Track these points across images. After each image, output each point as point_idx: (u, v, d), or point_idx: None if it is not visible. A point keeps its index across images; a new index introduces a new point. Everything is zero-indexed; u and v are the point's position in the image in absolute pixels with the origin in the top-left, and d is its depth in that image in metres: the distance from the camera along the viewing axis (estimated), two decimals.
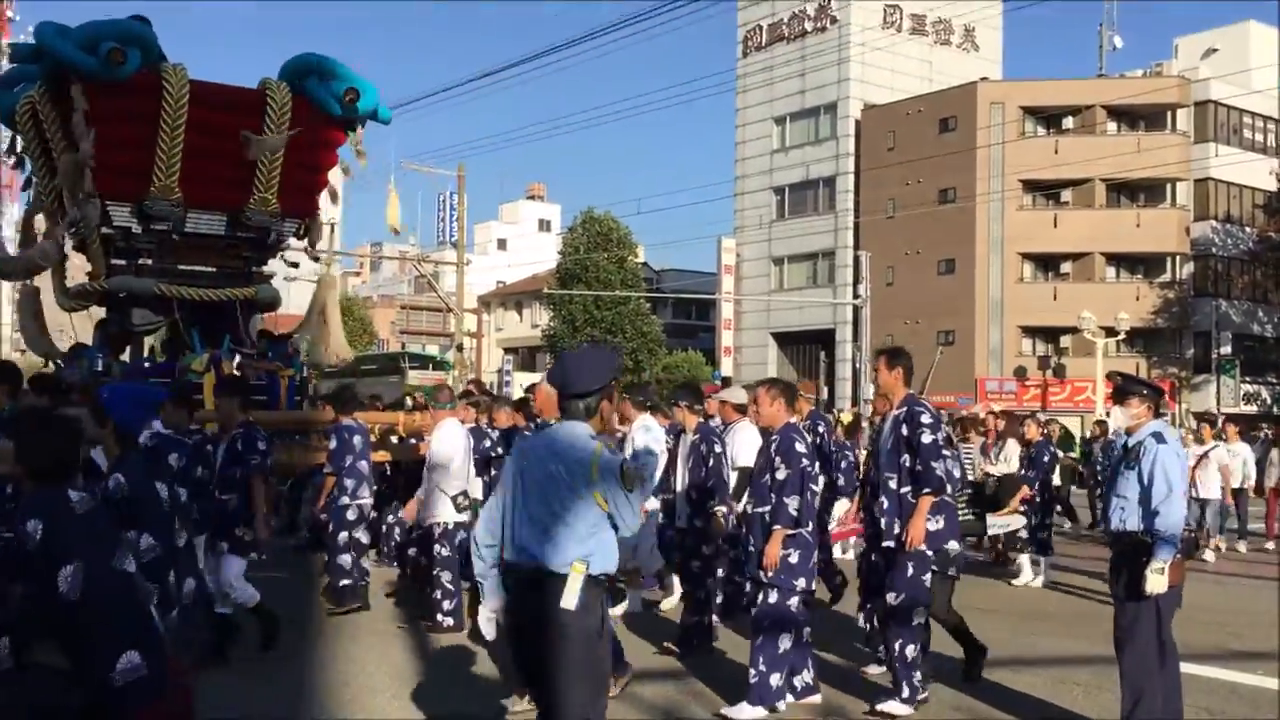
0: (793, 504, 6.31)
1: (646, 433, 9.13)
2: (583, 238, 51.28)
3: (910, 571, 6.35)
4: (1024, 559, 12.05)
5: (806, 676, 6.52)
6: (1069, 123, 45.83)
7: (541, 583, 4.05)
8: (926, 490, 6.34)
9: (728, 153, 55.21)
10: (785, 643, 6.28)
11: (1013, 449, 12.94)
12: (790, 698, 6.39)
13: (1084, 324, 38.53)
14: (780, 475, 6.38)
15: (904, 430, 6.45)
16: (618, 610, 9.33)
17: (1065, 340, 44.41)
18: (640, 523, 4.30)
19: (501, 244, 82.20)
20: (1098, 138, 44.53)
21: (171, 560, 4.94)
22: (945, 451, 6.35)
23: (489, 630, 4.39)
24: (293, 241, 12.41)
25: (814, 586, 6.77)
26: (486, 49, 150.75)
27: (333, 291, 12.84)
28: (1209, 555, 14.20)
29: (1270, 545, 15.84)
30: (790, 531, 6.30)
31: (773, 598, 6.30)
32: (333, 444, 9.44)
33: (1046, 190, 45.04)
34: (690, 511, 8.16)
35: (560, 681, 3.99)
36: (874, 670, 7.21)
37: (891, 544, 6.41)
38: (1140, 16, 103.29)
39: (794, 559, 6.36)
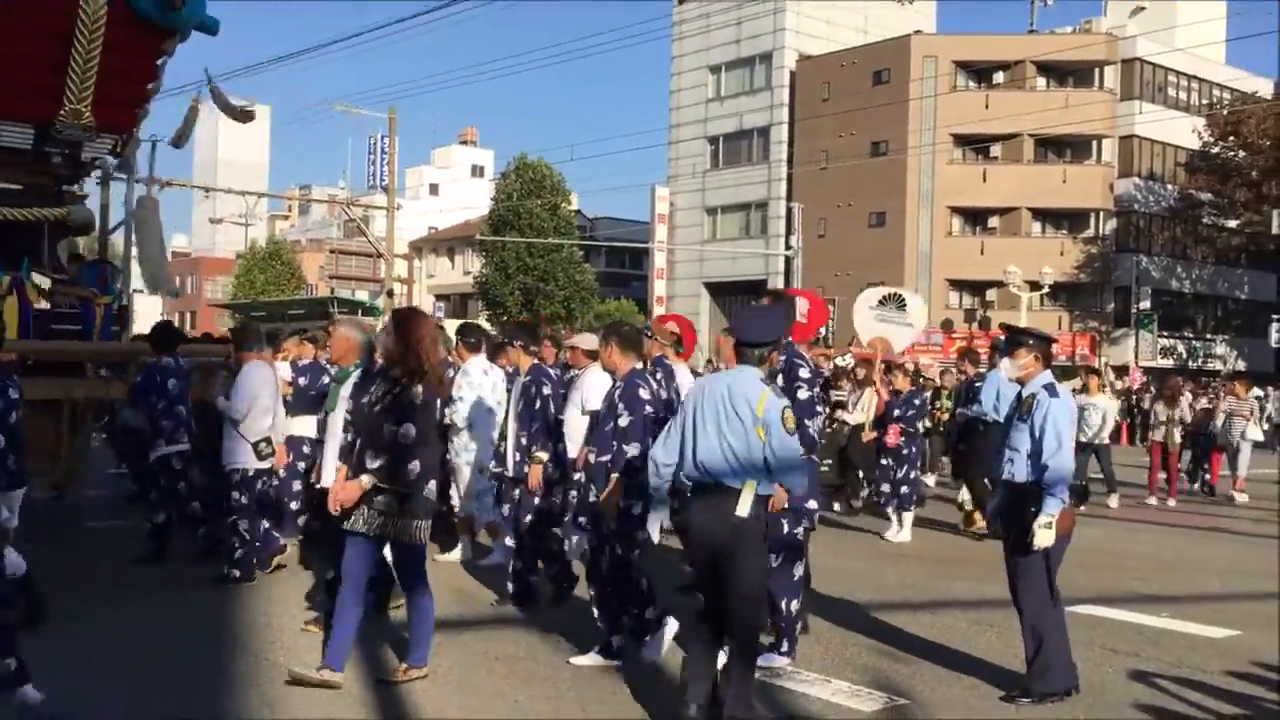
0: (632, 451, 6.02)
1: (465, 377, 8.84)
2: (516, 184, 50.85)
3: (785, 529, 6.07)
4: (890, 513, 11.61)
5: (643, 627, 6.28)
6: (999, 78, 46.27)
7: (721, 496, 5.02)
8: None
9: (662, 101, 55.00)
10: (644, 583, 6.19)
11: (869, 399, 12.72)
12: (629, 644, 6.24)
13: (1009, 278, 39.17)
14: (623, 422, 6.10)
15: (780, 383, 5.88)
16: (449, 557, 9.21)
17: (991, 294, 45.12)
18: (799, 456, 5.29)
19: (434, 189, 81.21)
20: (1027, 93, 45.05)
21: None
22: (819, 409, 6.03)
23: (655, 534, 6.46)
24: (220, 195, 11.67)
25: (659, 537, 6.50)
26: None
27: (154, 214, 11.60)
28: (1113, 501, 14.51)
29: (1153, 500, 15.43)
30: (632, 479, 6.00)
31: (619, 549, 6.13)
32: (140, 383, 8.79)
33: (976, 145, 45.52)
34: (520, 459, 7.62)
35: (737, 571, 5.03)
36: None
37: None
38: None
39: (637, 509, 6.12)
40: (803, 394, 6.00)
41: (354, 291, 54.14)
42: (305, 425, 8.46)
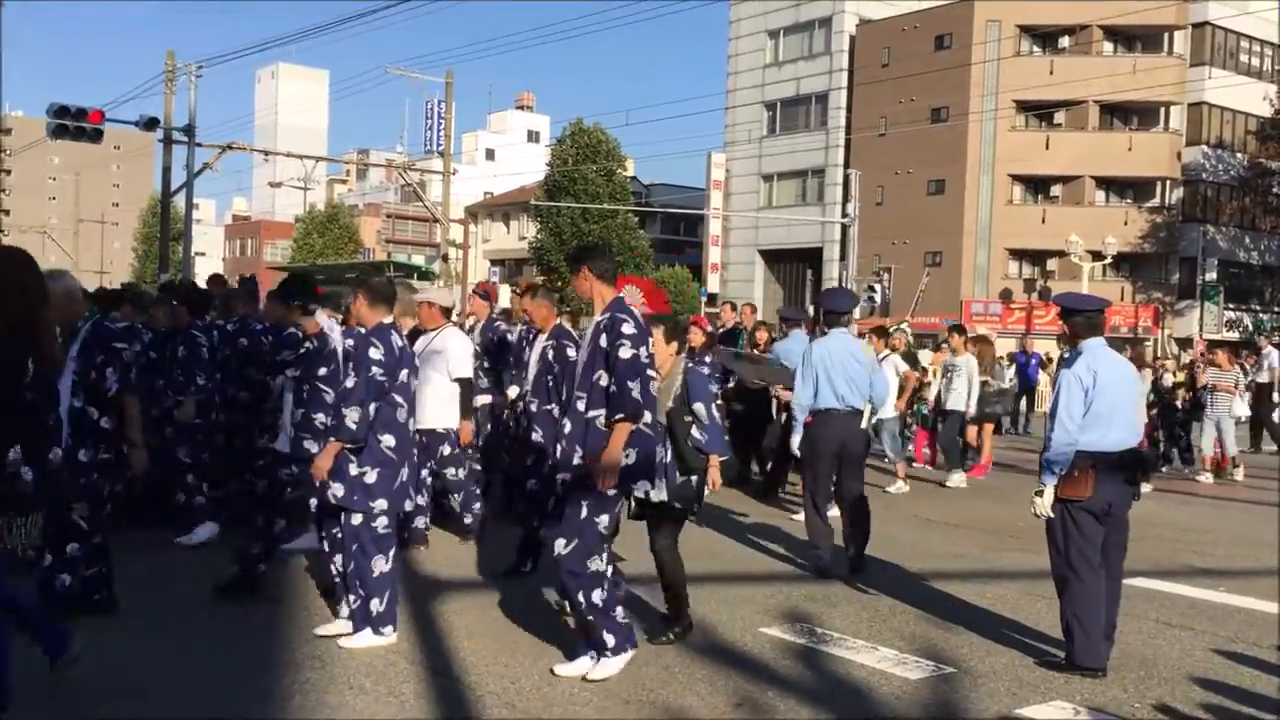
0: (352, 416, 5.57)
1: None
2: (571, 150, 50.79)
3: (585, 512, 5.26)
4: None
5: (378, 605, 5.79)
6: (1065, 42, 45.30)
7: (855, 415, 7.92)
8: (620, 416, 5.20)
9: (720, 66, 54.57)
10: (381, 564, 5.71)
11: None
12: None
13: (1071, 247, 38.51)
14: (349, 384, 5.68)
15: (603, 341, 5.34)
16: (295, 544, 7.80)
17: (1052, 263, 44.43)
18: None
19: (489, 154, 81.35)
20: (1093, 58, 44.08)
21: None
22: (650, 371, 5.38)
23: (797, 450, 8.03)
24: (279, 159, 11.77)
25: (408, 505, 6.11)
26: None
27: None
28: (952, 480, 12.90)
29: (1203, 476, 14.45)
30: (350, 446, 5.61)
31: (355, 520, 5.68)
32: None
33: (1039, 111, 44.69)
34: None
35: (856, 460, 8.06)
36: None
37: (569, 477, 5.34)
38: None
39: (370, 478, 5.67)
40: (625, 352, 5.20)
41: (410, 256, 54.51)
42: None
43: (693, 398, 5.97)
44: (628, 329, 5.28)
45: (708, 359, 10.92)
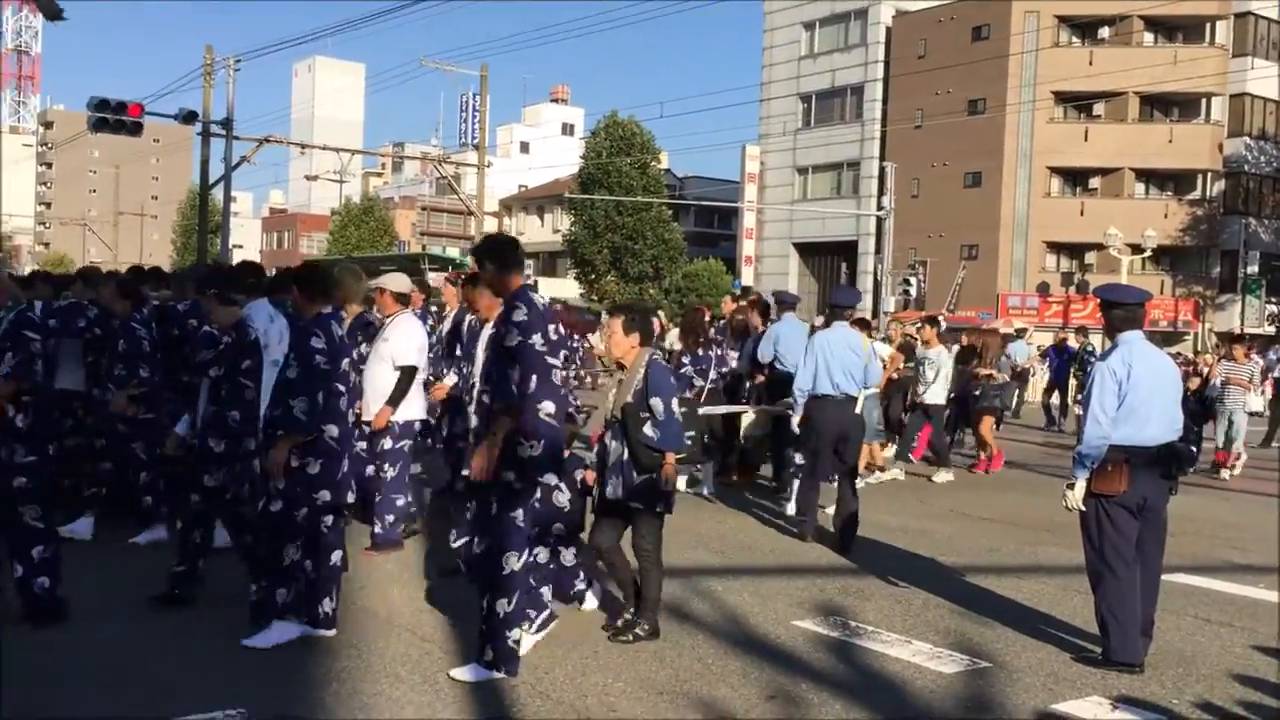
0: (299, 406, 5.44)
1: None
2: (605, 142, 50.75)
3: (495, 508, 5.15)
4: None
5: (327, 605, 5.64)
6: (1105, 33, 44.78)
7: (849, 401, 8.67)
8: (497, 405, 5.18)
9: (755, 58, 54.43)
10: (328, 559, 5.61)
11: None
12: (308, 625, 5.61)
13: (1110, 240, 38.09)
14: (291, 374, 5.55)
15: (502, 330, 5.32)
16: (146, 537, 7.71)
17: (1090, 257, 43.99)
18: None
19: (524, 147, 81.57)
20: (1133, 49, 43.53)
21: None
22: (553, 361, 5.17)
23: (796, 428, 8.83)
24: (316, 152, 11.60)
25: (350, 499, 6.00)
26: None
27: None
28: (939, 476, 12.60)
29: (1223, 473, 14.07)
30: (302, 438, 5.47)
31: (300, 512, 5.52)
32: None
33: (1078, 102, 44.22)
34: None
35: (855, 446, 8.80)
36: (590, 604, 6.35)
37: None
38: None
39: (314, 469, 5.55)
40: (510, 340, 5.07)
41: (444, 248, 54.68)
42: None
43: (652, 392, 5.65)
44: (518, 316, 5.10)
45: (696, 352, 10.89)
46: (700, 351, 10.84)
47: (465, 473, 5.45)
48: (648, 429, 5.61)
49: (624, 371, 5.79)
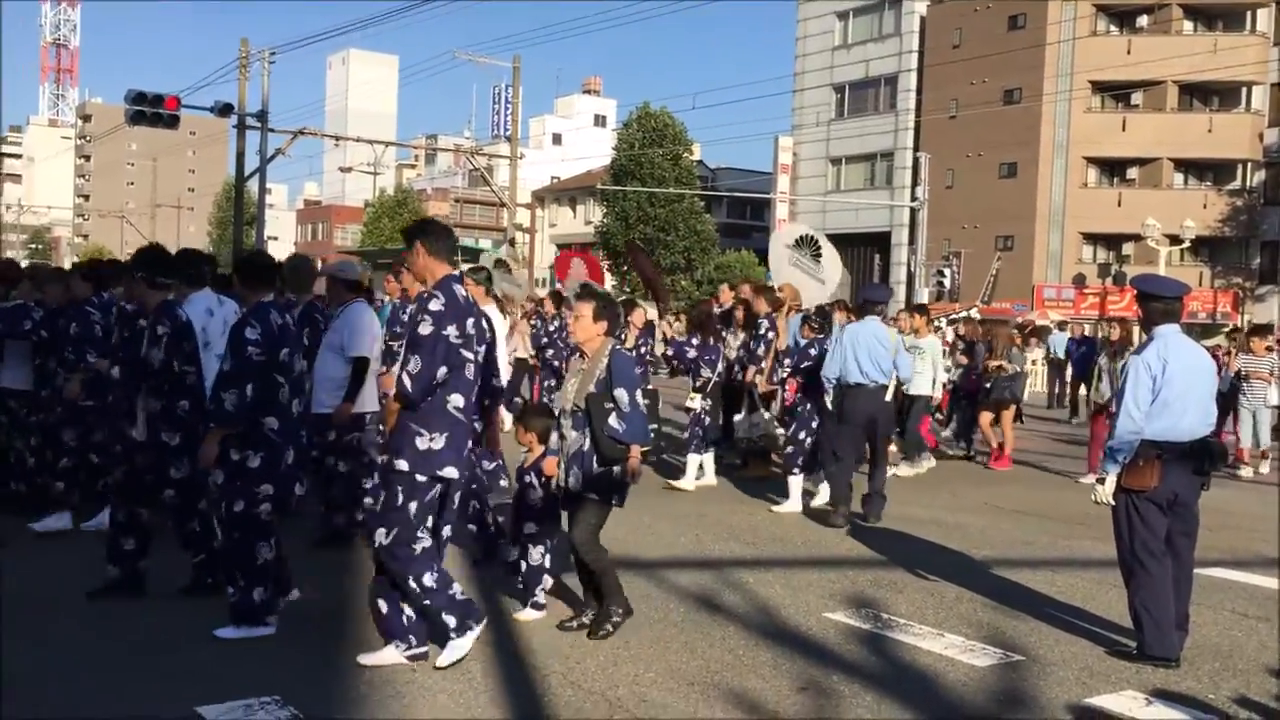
0: (229, 399, 5.30)
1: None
2: (638, 134, 50.72)
3: (399, 499, 5.00)
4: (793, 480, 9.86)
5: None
6: (1143, 21, 44.24)
7: (877, 389, 9.13)
8: (393, 393, 5.17)
9: (787, 48, 54.17)
10: (265, 552, 5.48)
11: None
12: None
13: (1148, 231, 37.65)
14: (225, 366, 5.42)
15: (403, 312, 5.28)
16: (44, 524, 7.58)
17: (1127, 248, 43.52)
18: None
19: (556, 139, 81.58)
20: (1172, 37, 42.96)
21: None
22: (467, 354, 5.06)
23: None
24: (349, 144, 11.44)
25: (299, 491, 5.87)
26: None
27: None
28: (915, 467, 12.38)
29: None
30: (231, 430, 5.36)
31: (238, 506, 5.43)
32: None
33: (1116, 92, 43.72)
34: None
35: (882, 429, 9.38)
36: (528, 615, 5.99)
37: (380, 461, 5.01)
38: None
39: (254, 463, 5.41)
40: (422, 329, 4.93)
41: (477, 240, 54.92)
42: None
43: (616, 383, 5.50)
44: (434, 305, 4.98)
45: (693, 341, 10.83)
46: (711, 342, 10.86)
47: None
48: (612, 420, 5.48)
49: (586, 360, 5.66)
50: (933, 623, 6.22)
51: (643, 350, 11.62)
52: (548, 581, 6.10)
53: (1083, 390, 20.92)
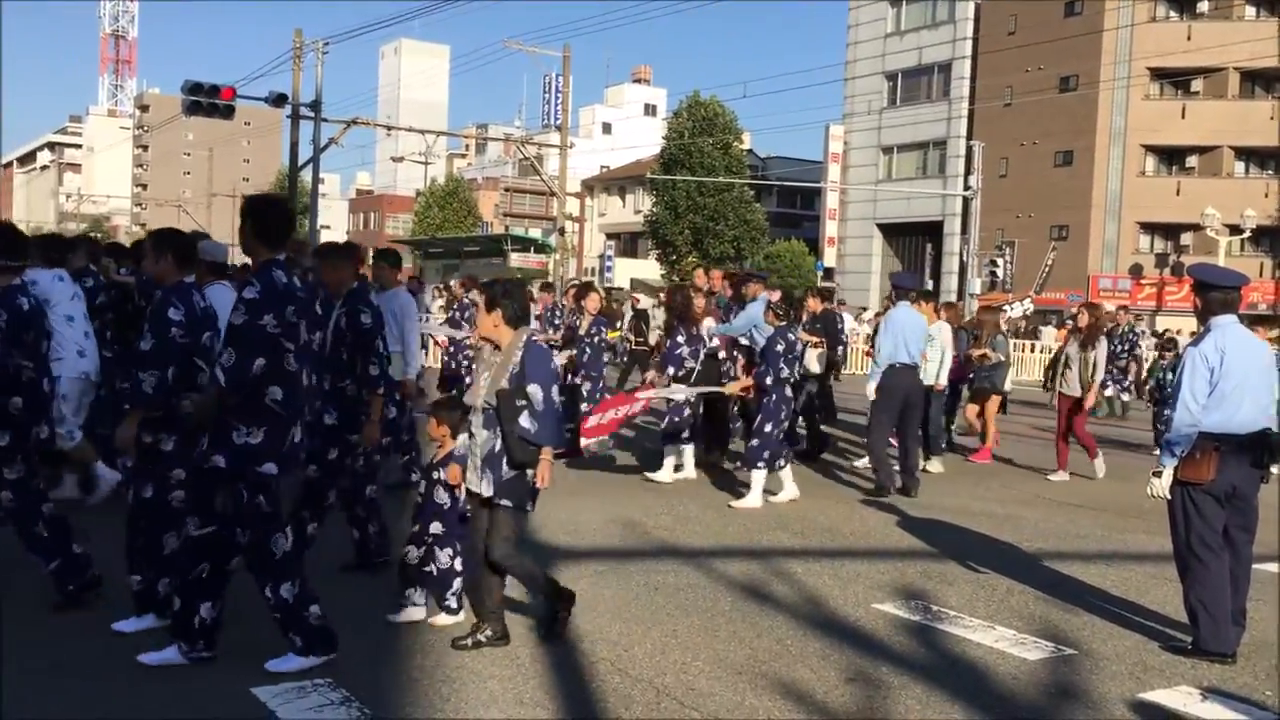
0: (149, 380, 5.05)
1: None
2: (688, 123, 50.56)
3: (246, 497, 4.77)
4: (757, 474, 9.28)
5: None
6: (1203, 7, 43.38)
7: (915, 368, 10.13)
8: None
9: (839, 36, 53.73)
10: (172, 542, 5.28)
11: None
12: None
13: (1207, 221, 36.98)
14: (144, 345, 5.15)
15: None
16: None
17: (1186, 238, 42.78)
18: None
19: (606, 128, 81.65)
20: (1234, 23, 42.09)
21: None
22: (288, 344, 4.79)
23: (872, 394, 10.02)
24: (401, 134, 11.32)
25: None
26: None
27: None
28: (932, 465, 11.70)
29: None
30: (149, 413, 5.13)
31: (145, 495, 5.26)
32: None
33: (1176, 79, 42.93)
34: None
35: (918, 410, 10.35)
36: (443, 620, 5.61)
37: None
38: None
39: (168, 446, 5.21)
40: (234, 318, 4.70)
41: (527, 229, 55.10)
42: None
43: (529, 378, 5.01)
44: (248, 293, 4.74)
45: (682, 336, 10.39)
46: (695, 331, 10.32)
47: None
48: (524, 420, 4.99)
49: (498, 353, 5.16)
50: (983, 615, 6.17)
51: (596, 339, 11.67)
52: (457, 584, 5.60)
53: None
